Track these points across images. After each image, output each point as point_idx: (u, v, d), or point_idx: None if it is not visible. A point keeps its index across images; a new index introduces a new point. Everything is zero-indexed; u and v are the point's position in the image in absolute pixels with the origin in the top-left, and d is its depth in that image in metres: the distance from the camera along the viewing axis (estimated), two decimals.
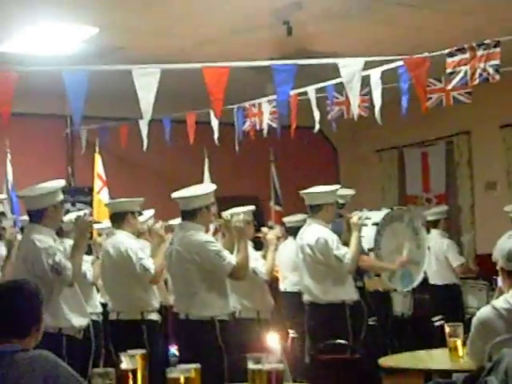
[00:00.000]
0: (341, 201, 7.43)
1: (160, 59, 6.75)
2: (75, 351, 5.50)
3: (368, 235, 6.91)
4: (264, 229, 7.48)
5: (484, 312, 4.32)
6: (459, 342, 4.92)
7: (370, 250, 6.79)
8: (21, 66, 6.02)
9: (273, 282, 7.83)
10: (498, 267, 4.46)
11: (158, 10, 7.73)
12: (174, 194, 6.05)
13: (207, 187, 6.41)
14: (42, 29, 8.06)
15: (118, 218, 6.66)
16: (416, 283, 7.44)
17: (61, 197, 5.63)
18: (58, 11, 7.56)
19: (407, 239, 7.29)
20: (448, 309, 9.35)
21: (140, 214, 6.83)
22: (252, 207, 7.14)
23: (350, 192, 7.89)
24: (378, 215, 7.11)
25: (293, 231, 8.34)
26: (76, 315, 5.55)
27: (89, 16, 7.81)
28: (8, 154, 10.07)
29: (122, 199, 6.81)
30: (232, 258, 5.82)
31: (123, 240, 6.49)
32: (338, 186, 7.11)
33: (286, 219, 9.22)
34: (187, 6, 7.62)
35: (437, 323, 9.26)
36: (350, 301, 6.75)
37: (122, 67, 6.20)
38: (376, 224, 6.96)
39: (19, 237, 6.45)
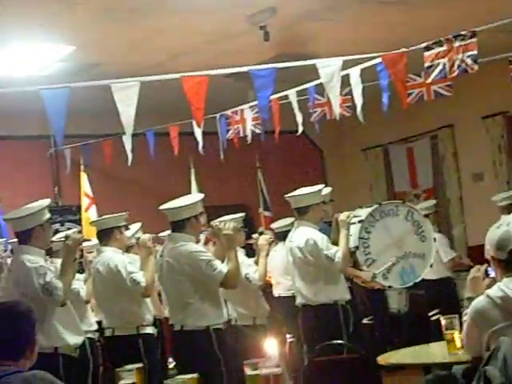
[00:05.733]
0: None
1: (138, 73, 6.73)
2: (72, 370, 5.49)
3: (354, 234, 6.81)
4: (254, 235, 7.49)
5: (479, 302, 4.32)
6: (456, 334, 4.90)
7: (355, 248, 6.68)
8: None
9: (266, 287, 7.81)
10: (488, 257, 4.46)
11: (132, 25, 7.72)
12: (162, 206, 6.04)
13: (195, 197, 6.40)
14: (16, 50, 8.04)
15: (105, 235, 6.64)
16: (420, 278, 7.26)
17: (47, 216, 5.61)
18: (31, 32, 7.55)
19: (406, 233, 7.10)
20: (443, 303, 9.35)
21: (126, 228, 6.81)
22: (242, 214, 7.14)
23: (327, 190, 7.78)
24: (365, 212, 6.99)
25: (282, 236, 8.32)
26: (71, 334, 5.52)
27: (64, 35, 7.80)
28: None
29: (107, 216, 6.79)
30: (223, 267, 5.81)
31: (111, 256, 6.47)
32: (321, 186, 7.06)
33: (274, 225, 9.19)
34: (161, 19, 7.62)
35: (433, 317, 9.26)
36: (343, 300, 6.72)
37: (101, 82, 6.18)
38: (361, 221, 6.83)
39: (9, 260, 6.42)
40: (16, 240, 5.85)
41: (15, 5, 6.83)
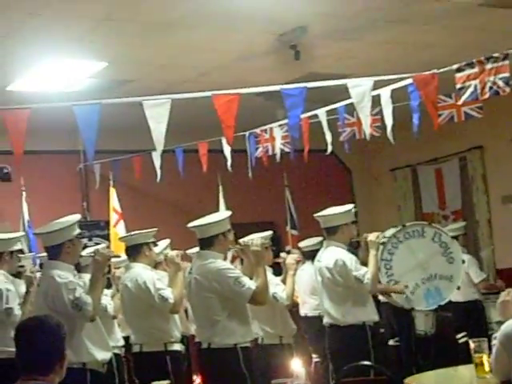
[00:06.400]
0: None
1: (169, 90, 6.78)
2: None
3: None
4: (282, 254, 7.47)
5: (508, 326, 4.29)
6: (485, 358, 4.85)
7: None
8: (31, 104, 6.02)
9: (293, 307, 7.79)
10: None
11: (164, 41, 7.76)
12: (191, 223, 6.05)
13: (223, 214, 6.41)
14: (49, 66, 8.11)
15: (134, 251, 6.66)
16: (446, 300, 7.17)
17: (77, 231, 5.64)
18: (64, 48, 7.61)
19: (433, 254, 7.02)
20: (471, 325, 9.28)
21: (155, 244, 6.83)
22: (269, 233, 7.13)
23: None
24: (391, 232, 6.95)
25: (309, 255, 8.31)
26: (99, 349, 5.53)
27: (96, 51, 7.86)
28: (23, 192, 10.11)
29: (136, 232, 6.81)
30: (251, 284, 5.80)
31: (140, 272, 6.49)
32: (351, 206, 7.05)
33: (301, 244, 9.18)
34: (193, 35, 7.66)
35: (461, 340, 9.18)
36: (371, 322, 6.69)
37: (133, 99, 6.21)
38: (383, 243, 6.78)
39: (38, 274, 6.45)
40: (45, 254, 5.88)
41: (48, 21, 6.89)
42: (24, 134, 5.76)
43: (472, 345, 5.00)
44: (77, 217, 5.75)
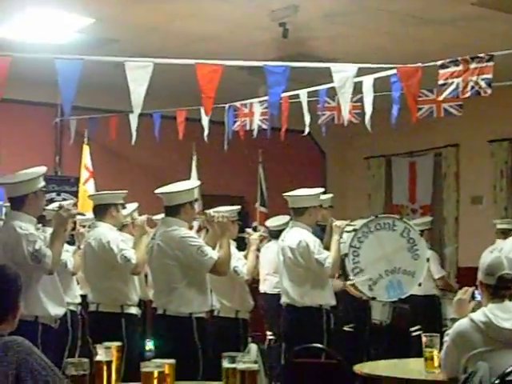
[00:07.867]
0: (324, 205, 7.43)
1: (154, 54, 6.73)
2: (50, 340, 5.47)
3: (346, 241, 6.82)
4: (248, 230, 7.50)
5: (462, 324, 4.33)
6: (435, 353, 4.92)
7: (344, 255, 6.70)
8: (13, 52, 5.95)
9: (253, 283, 7.82)
10: (477, 281, 4.46)
11: (155, 5, 7.71)
12: (158, 190, 6.04)
13: (191, 183, 6.41)
14: (36, 15, 8.01)
15: (101, 211, 6.64)
16: (407, 294, 7.24)
17: (42, 184, 5.59)
18: None
19: (399, 248, 7.08)
20: (426, 320, 9.37)
21: (123, 206, 6.81)
22: (237, 207, 7.15)
23: (328, 196, 7.86)
24: (361, 222, 6.99)
25: (276, 234, 8.33)
26: (53, 304, 5.51)
27: (85, 6, 7.79)
28: None
29: (105, 192, 6.78)
30: (214, 254, 5.82)
31: (105, 232, 6.47)
32: (321, 190, 7.08)
33: (268, 222, 9.19)
34: (185, 2, 7.62)
35: (414, 333, 9.27)
36: (327, 305, 6.74)
37: (116, 59, 6.17)
38: (355, 230, 6.82)
39: (1, 223, 6.42)
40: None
41: None
42: (4, 81, 5.70)
43: (424, 339, 5.06)
44: (42, 169, 5.69)
